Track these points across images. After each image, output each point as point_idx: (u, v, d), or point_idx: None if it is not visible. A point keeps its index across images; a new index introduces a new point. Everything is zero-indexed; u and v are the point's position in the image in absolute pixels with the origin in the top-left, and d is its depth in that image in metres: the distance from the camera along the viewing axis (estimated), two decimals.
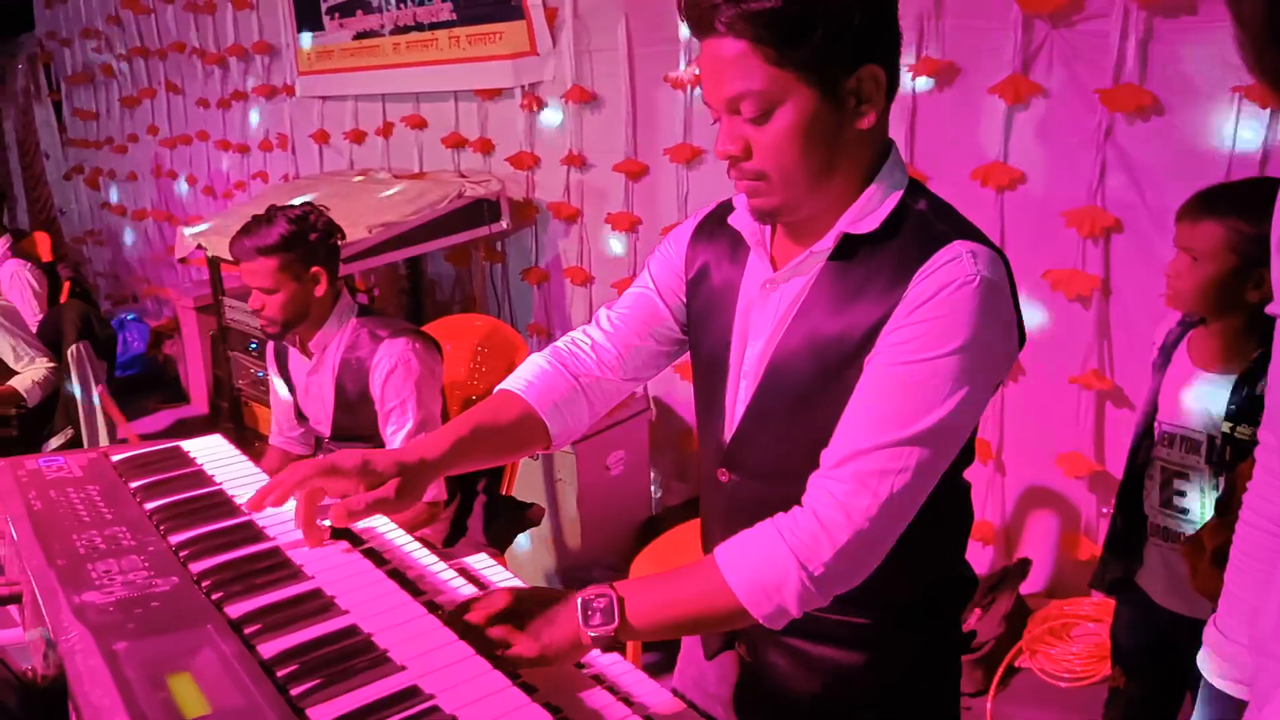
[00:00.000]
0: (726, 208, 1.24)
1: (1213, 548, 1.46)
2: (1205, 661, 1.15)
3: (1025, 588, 2.75)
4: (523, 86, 3.66)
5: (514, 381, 1.29)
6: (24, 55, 7.16)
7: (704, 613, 1.05)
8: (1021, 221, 2.57)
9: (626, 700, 1.04)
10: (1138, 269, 2.42)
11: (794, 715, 1.27)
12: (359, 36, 4.20)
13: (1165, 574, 1.77)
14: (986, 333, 1.03)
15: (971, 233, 1.09)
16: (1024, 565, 2.76)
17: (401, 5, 3.94)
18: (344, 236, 2.36)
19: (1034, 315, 2.61)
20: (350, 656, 0.89)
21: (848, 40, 1.00)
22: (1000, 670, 2.55)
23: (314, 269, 2.23)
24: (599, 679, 1.09)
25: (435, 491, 2.25)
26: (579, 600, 1.02)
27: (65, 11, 6.51)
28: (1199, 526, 1.65)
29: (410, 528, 2.29)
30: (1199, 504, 1.71)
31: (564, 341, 1.33)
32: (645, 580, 1.08)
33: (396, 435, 2.24)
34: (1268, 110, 2.14)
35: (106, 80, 6.28)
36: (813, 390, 1.11)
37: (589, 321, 1.35)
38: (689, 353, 1.32)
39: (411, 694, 0.84)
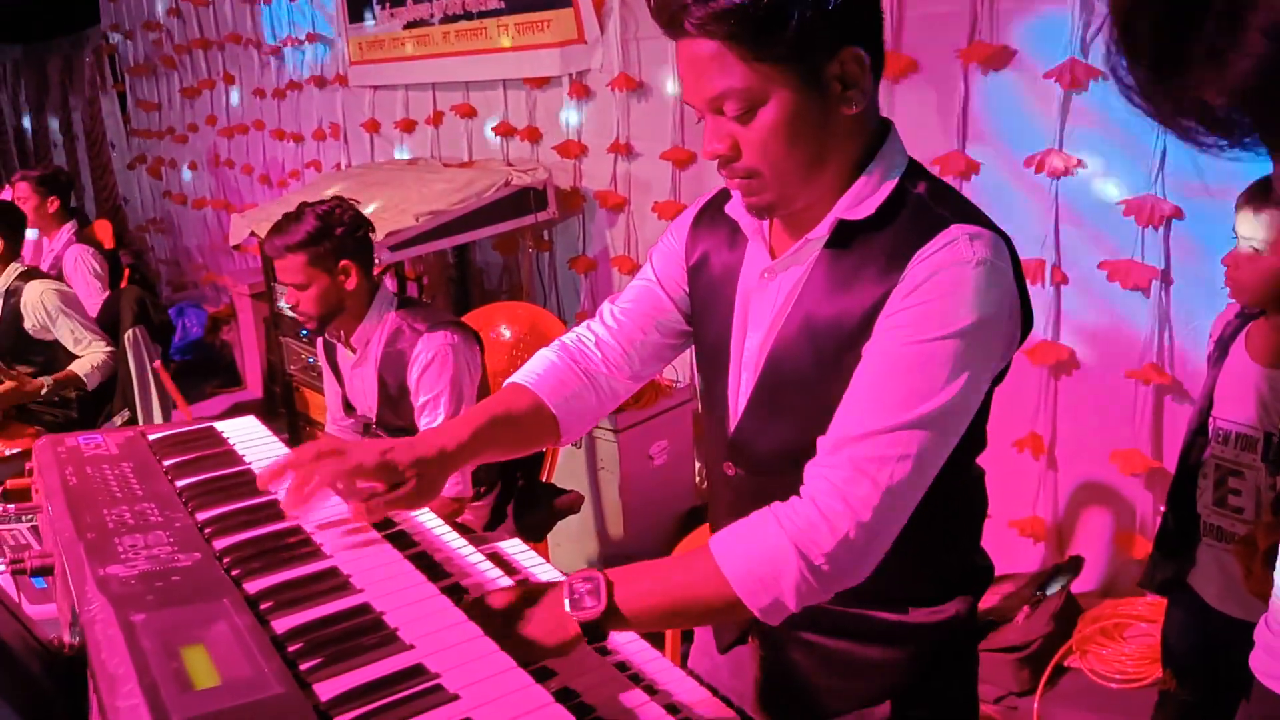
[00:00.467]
0: (724, 195, 1.21)
1: (1266, 548, 1.40)
2: (1257, 660, 1.11)
3: (1077, 586, 2.68)
4: (570, 75, 3.65)
5: (524, 375, 1.27)
6: (90, 48, 7.35)
7: (696, 602, 1.01)
8: (1078, 209, 2.49)
9: (649, 689, 1.04)
10: (1200, 259, 2.33)
11: (811, 707, 1.26)
12: (409, 26, 4.23)
13: (1218, 575, 1.71)
14: (987, 316, 1.00)
15: (972, 216, 1.05)
16: (1076, 563, 2.69)
17: None
18: (373, 229, 2.39)
19: (1089, 307, 2.53)
20: (359, 634, 0.89)
21: (824, 25, 0.96)
22: (1049, 670, 2.49)
23: (343, 262, 2.25)
24: (623, 666, 1.08)
25: (460, 488, 2.26)
26: (566, 584, 1.00)
27: (128, 4, 6.68)
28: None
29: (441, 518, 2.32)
30: (1254, 503, 1.65)
31: (570, 337, 1.32)
32: (638, 566, 1.05)
33: (430, 428, 2.25)
34: None
35: (167, 71, 6.43)
36: (813, 380, 1.09)
37: (601, 308, 1.34)
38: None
39: (417, 672, 0.84)
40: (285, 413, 4.07)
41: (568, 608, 0.98)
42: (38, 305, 3.18)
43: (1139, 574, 2.04)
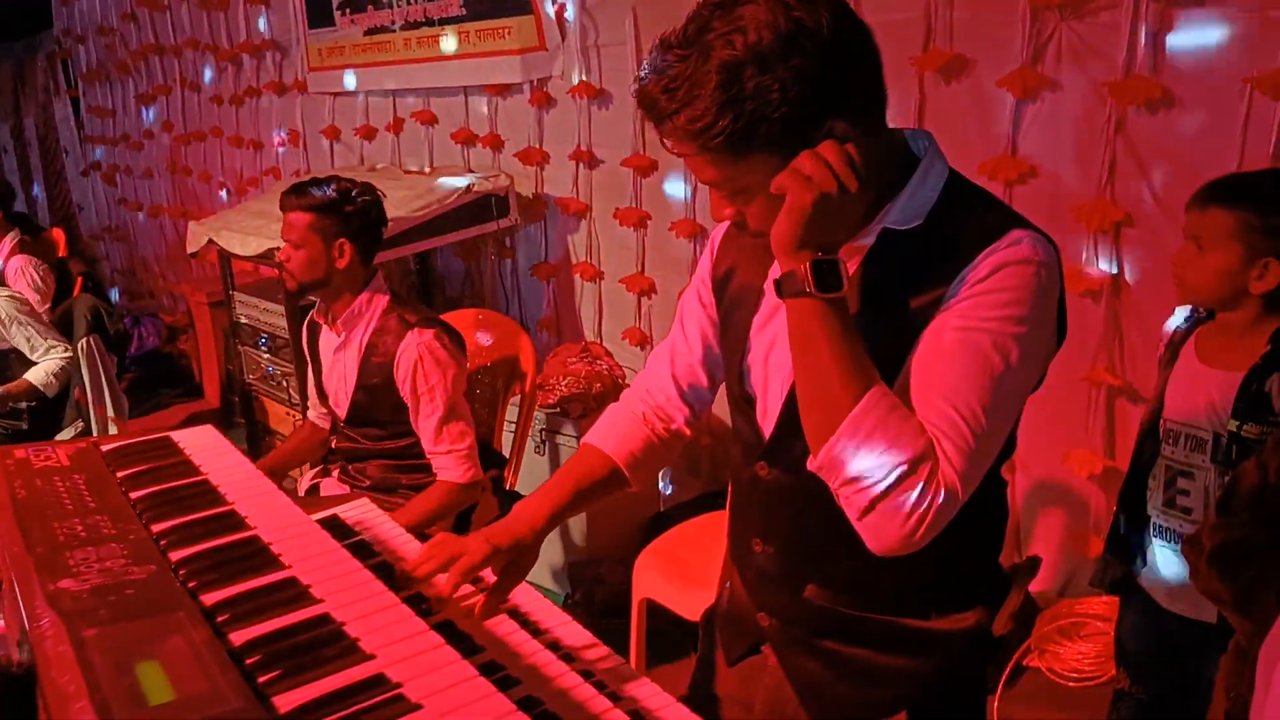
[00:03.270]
0: None
1: (1211, 547, 1.42)
2: None
3: (1035, 586, 2.71)
4: (531, 82, 3.65)
5: (598, 438, 1.35)
6: (43, 53, 7.23)
7: (826, 370, 0.99)
8: (1030, 215, 2.47)
9: (614, 696, 1.03)
10: (1149, 264, 2.38)
11: (825, 718, 1.25)
12: (369, 32, 4.21)
13: (1169, 576, 1.74)
14: (1043, 317, 1.03)
15: (1025, 221, 1.07)
16: (1034, 563, 2.70)
17: (412, 1, 3.95)
18: (386, 221, 2.42)
19: None
20: (320, 646, 0.88)
21: (797, 119, 0.95)
22: (1008, 669, 2.52)
23: (341, 240, 2.28)
24: (588, 673, 1.08)
25: (474, 471, 2.31)
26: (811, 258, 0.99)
27: (81, 8, 6.57)
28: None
29: (453, 511, 2.35)
30: (1203, 503, 1.68)
31: (632, 395, 1.39)
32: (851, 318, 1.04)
33: (428, 422, 2.28)
34: None
35: (122, 77, 6.33)
36: None
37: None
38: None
39: (377, 682, 0.83)
40: (244, 422, 4.02)
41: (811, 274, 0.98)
42: None
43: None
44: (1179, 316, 1.79)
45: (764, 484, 1.22)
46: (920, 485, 0.95)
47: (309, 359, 2.56)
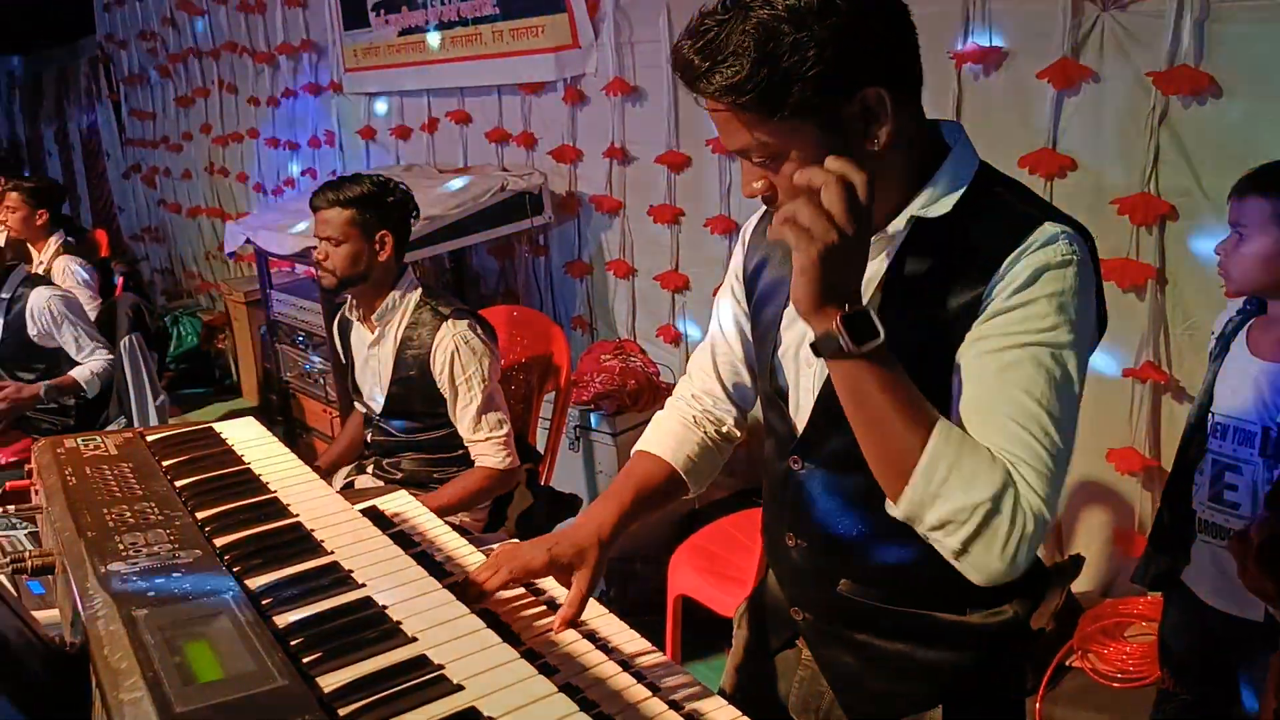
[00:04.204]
0: None
1: (1259, 542, 1.39)
2: None
3: (1078, 585, 2.67)
4: (565, 80, 3.66)
5: (653, 444, 1.35)
6: (86, 58, 7.36)
7: (888, 429, 0.98)
8: (1071, 209, 2.45)
9: (652, 686, 1.03)
10: (1195, 258, 2.34)
11: (861, 712, 1.24)
12: (404, 33, 4.24)
13: (1214, 572, 1.71)
14: (1085, 315, 1.01)
15: (1058, 214, 1.05)
16: (1076, 562, 2.67)
17: (446, 1, 3.97)
18: (418, 214, 2.45)
19: None
20: (363, 628, 0.89)
21: (832, 79, 0.96)
22: (1050, 669, 2.49)
23: (382, 231, 2.31)
24: (626, 664, 1.07)
25: (512, 458, 2.33)
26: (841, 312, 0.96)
27: (123, 14, 6.68)
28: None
29: (490, 495, 2.37)
30: (1250, 498, 1.65)
31: (679, 400, 1.39)
32: (899, 373, 1.01)
33: (466, 411, 2.30)
34: None
35: (162, 81, 6.43)
36: None
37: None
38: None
39: (420, 664, 0.83)
40: (282, 420, 4.06)
41: (842, 324, 0.95)
42: (43, 311, 3.17)
43: None
44: (1231, 309, 1.76)
45: (797, 478, 1.21)
46: (1008, 520, 0.94)
47: (343, 355, 2.58)
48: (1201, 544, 1.74)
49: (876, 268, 1.09)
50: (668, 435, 1.35)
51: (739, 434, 1.38)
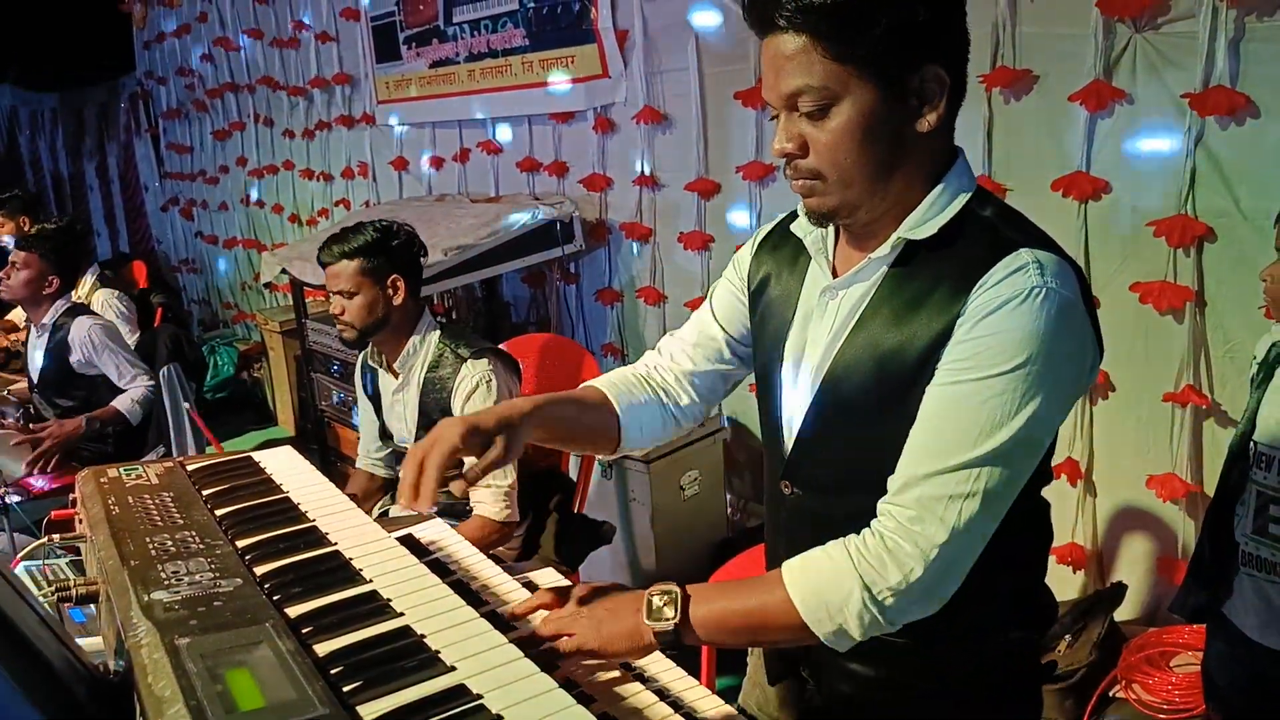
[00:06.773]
0: (792, 216, 1.22)
1: None
2: None
3: (1121, 614, 2.62)
4: (595, 108, 3.69)
5: (598, 380, 1.34)
6: (125, 94, 7.54)
7: (766, 623, 1.04)
8: (1106, 232, 2.47)
9: (688, 715, 1.03)
10: (1235, 280, 2.30)
11: None
12: (435, 65, 4.31)
13: (1260, 606, 1.66)
14: (1055, 346, 0.97)
15: (1041, 241, 1.04)
16: (1118, 590, 2.63)
17: (475, 33, 4.03)
18: (426, 252, 2.45)
19: (1123, 330, 2.50)
20: (402, 656, 0.89)
21: (910, 37, 0.97)
22: (1094, 700, 2.43)
23: (393, 276, 2.31)
24: (662, 692, 1.07)
25: (510, 511, 2.27)
26: (646, 596, 1.05)
27: (162, 51, 6.84)
28: None
29: (484, 546, 2.33)
30: None
31: (644, 362, 1.38)
32: (714, 585, 1.09)
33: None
34: None
35: (199, 115, 6.56)
36: (872, 402, 1.07)
37: (661, 340, 1.39)
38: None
39: (460, 693, 0.83)
40: (318, 449, 4.10)
41: (646, 619, 1.04)
42: (85, 340, 3.22)
43: None
44: (1275, 332, 1.72)
45: (789, 503, 1.21)
46: (886, 581, 0.98)
47: (370, 401, 2.56)
48: (1245, 577, 1.69)
49: (865, 289, 1.09)
50: (619, 380, 1.34)
51: (688, 422, 1.36)
